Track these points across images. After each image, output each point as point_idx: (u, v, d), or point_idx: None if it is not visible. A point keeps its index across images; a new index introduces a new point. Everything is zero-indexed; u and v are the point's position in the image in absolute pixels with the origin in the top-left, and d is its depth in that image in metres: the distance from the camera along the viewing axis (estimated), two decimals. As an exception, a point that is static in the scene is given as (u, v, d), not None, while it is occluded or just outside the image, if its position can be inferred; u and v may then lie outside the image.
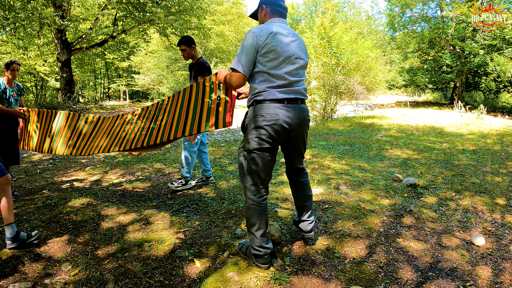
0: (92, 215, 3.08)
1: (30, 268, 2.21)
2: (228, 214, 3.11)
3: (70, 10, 13.03)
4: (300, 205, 2.41)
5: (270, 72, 2.01)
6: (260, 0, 2.22)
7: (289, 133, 2.07)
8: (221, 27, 29.74)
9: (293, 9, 47.82)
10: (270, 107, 2.00)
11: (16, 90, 3.71)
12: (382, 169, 4.65)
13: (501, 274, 2.18)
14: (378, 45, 27.25)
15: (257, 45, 1.98)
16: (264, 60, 1.99)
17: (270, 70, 2.00)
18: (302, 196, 2.39)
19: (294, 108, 2.06)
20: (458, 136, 7.66)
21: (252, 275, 2.09)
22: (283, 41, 2.03)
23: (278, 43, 2.01)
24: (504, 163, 5.02)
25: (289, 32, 2.11)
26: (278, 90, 2.02)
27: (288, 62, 2.04)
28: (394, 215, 3.07)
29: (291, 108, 2.04)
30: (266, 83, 2.02)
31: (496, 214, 3.15)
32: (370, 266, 2.23)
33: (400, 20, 19.98)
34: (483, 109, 12.30)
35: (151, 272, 2.18)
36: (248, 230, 2.17)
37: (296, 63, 2.08)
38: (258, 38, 1.98)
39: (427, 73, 18.29)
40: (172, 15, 14.07)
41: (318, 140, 7.02)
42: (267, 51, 1.98)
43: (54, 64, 15.21)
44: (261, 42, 1.98)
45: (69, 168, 4.99)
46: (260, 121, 2.02)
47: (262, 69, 2.01)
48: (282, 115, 2.00)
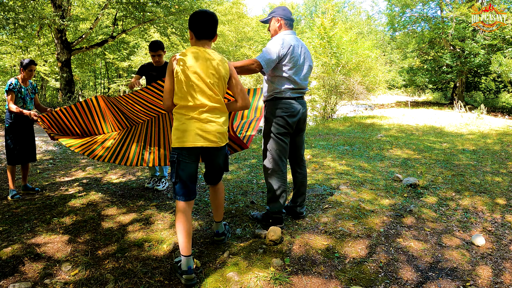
0: (92, 215, 3.08)
1: (30, 268, 2.21)
2: (228, 214, 3.10)
3: (70, 10, 13.04)
4: (298, 191, 2.91)
5: (289, 77, 2.60)
6: (276, 12, 2.73)
7: (298, 121, 2.71)
8: (221, 27, 29.73)
9: (293, 9, 47.84)
10: (287, 102, 2.63)
11: (31, 88, 3.73)
12: (382, 169, 4.65)
13: (501, 274, 2.18)
14: (378, 45, 27.24)
15: (280, 54, 2.53)
16: (285, 68, 2.58)
17: (289, 76, 2.60)
18: (301, 184, 2.90)
19: (301, 103, 2.71)
20: (458, 136, 7.66)
21: (252, 275, 2.09)
22: (298, 52, 2.62)
23: (295, 54, 2.59)
24: (504, 163, 5.02)
25: (299, 43, 2.67)
26: (293, 90, 2.64)
27: (301, 69, 2.67)
28: (394, 215, 3.07)
29: (299, 103, 2.69)
30: (285, 85, 2.61)
31: (496, 214, 3.15)
32: (370, 266, 2.23)
33: (400, 20, 19.99)
34: (483, 109, 12.31)
35: (151, 272, 2.18)
36: (271, 197, 2.72)
37: (306, 69, 2.71)
38: (282, 49, 2.53)
39: (427, 73, 18.29)
40: (172, 15, 14.07)
41: (318, 140, 7.02)
42: (287, 61, 2.57)
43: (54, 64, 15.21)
44: (283, 52, 2.54)
45: (69, 168, 4.99)
46: (279, 112, 2.63)
47: (283, 75, 2.59)
48: (294, 108, 2.64)
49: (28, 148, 3.71)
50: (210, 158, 2.23)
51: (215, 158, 2.22)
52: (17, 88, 3.55)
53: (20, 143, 3.63)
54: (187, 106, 2.06)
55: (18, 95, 3.56)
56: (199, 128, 2.05)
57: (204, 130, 2.06)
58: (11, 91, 3.49)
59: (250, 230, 2.74)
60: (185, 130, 2.05)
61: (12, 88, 3.50)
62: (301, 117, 2.71)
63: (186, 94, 2.05)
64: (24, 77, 3.61)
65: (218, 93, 2.11)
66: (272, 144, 2.68)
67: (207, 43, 2.17)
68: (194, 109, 2.06)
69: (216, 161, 2.24)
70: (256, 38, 37.06)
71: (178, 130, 2.07)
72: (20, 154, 3.64)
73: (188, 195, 2.12)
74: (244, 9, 34.87)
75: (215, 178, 2.35)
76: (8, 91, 3.48)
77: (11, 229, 2.79)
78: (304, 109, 2.73)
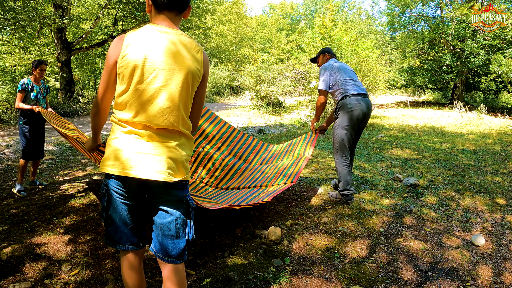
0: (92, 215, 3.08)
1: (30, 268, 2.21)
2: (228, 214, 3.10)
3: (70, 10, 13.03)
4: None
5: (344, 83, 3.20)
6: (322, 50, 3.54)
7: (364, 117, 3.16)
8: (221, 27, 29.73)
9: (292, 9, 47.78)
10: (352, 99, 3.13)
11: (43, 88, 3.89)
12: (383, 169, 4.65)
13: (501, 274, 2.18)
14: (378, 45, 27.24)
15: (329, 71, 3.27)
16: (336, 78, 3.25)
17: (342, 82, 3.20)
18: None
19: (364, 100, 3.13)
20: (458, 136, 7.65)
21: (252, 275, 2.09)
22: (339, 65, 3.30)
23: (339, 66, 3.28)
24: (504, 163, 5.02)
25: (337, 61, 3.40)
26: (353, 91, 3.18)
27: (346, 74, 3.25)
28: (394, 215, 3.06)
29: (362, 101, 3.11)
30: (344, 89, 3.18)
31: (496, 214, 3.15)
32: (370, 266, 2.23)
33: (400, 20, 19.98)
34: (483, 109, 12.29)
35: (151, 272, 2.18)
36: (340, 179, 3.17)
37: (351, 73, 3.28)
38: (328, 68, 3.28)
39: (427, 73, 18.28)
40: (172, 15, 14.08)
41: (319, 140, 7.02)
42: (335, 72, 3.24)
43: (54, 64, 15.21)
44: (330, 69, 3.27)
45: (69, 168, 4.99)
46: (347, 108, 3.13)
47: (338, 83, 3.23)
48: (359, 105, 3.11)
49: (39, 145, 3.92)
50: (153, 203, 1.42)
51: (161, 202, 1.40)
52: (29, 88, 3.72)
53: (33, 141, 3.83)
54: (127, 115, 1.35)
55: (31, 94, 3.74)
56: (137, 148, 1.33)
57: (145, 153, 1.32)
58: (23, 90, 3.68)
59: (250, 230, 2.74)
60: (116, 148, 1.34)
61: (24, 87, 3.68)
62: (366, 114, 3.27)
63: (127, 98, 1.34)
64: (36, 77, 3.80)
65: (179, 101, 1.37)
66: (341, 134, 3.22)
67: (174, 18, 1.39)
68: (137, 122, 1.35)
69: (162, 208, 1.40)
70: (256, 38, 37.06)
71: (110, 147, 1.37)
72: (33, 151, 3.85)
73: (126, 243, 1.45)
74: (244, 9, 34.88)
75: (164, 244, 1.42)
76: (19, 90, 3.66)
77: (11, 229, 2.79)
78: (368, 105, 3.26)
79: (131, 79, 1.31)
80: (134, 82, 1.31)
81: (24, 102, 3.72)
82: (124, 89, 1.33)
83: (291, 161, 3.37)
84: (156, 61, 1.30)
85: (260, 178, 3.38)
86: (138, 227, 1.48)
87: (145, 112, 1.32)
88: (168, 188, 1.38)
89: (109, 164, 1.35)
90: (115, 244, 1.46)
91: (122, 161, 1.33)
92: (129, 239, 1.45)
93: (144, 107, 1.32)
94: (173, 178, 1.34)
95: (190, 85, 1.37)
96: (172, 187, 1.38)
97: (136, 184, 1.39)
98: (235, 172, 3.66)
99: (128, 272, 1.48)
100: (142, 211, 1.48)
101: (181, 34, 1.38)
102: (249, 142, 3.96)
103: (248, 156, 3.86)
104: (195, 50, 1.38)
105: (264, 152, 3.87)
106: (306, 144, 3.45)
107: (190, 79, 1.36)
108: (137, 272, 1.49)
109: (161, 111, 1.33)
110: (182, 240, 1.42)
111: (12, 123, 9.34)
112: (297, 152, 3.46)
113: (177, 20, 1.41)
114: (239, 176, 3.60)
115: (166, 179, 1.32)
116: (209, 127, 3.87)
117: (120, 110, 1.36)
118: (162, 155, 1.33)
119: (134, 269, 1.48)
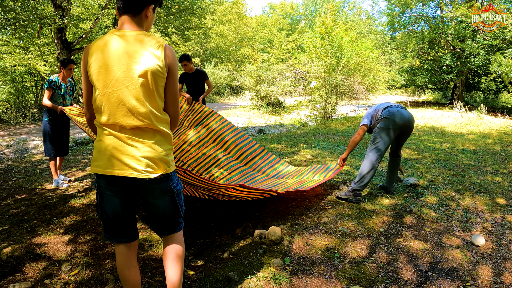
0: (92, 215, 3.08)
1: (30, 268, 2.21)
2: (228, 214, 3.10)
3: (70, 10, 13.03)
4: (391, 175, 3.56)
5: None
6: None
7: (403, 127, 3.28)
8: (221, 27, 29.74)
9: (292, 9, 47.77)
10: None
11: (70, 86, 3.99)
12: (383, 169, 4.65)
13: (502, 274, 2.18)
14: (378, 45, 27.24)
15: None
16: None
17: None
18: (393, 170, 3.54)
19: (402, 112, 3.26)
20: (458, 136, 7.65)
21: (252, 275, 2.09)
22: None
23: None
24: (504, 163, 5.02)
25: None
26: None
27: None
28: (394, 215, 3.06)
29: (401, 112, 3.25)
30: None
31: (496, 214, 3.15)
32: (370, 266, 2.23)
33: (400, 20, 19.98)
34: (483, 109, 12.29)
35: (151, 272, 2.18)
36: (362, 176, 3.23)
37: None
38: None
39: (427, 73, 18.28)
40: (172, 15, 14.07)
41: (319, 140, 7.02)
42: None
43: (55, 64, 15.21)
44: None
45: (69, 168, 4.99)
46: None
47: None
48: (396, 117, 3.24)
49: (64, 142, 4.02)
50: (141, 195, 1.56)
51: (146, 195, 1.53)
52: (57, 85, 3.81)
53: (55, 138, 3.92)
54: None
55: (58, 91, 3.83)
56: (116, 149, 1.44)
57: (124, 153, 1.43)
58: (50, 87, 3.76)
59: (250, 230, 2.74)
60: (99, 150, 1.47)
61: (53, 85, 3.77)
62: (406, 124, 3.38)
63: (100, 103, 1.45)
64: (64, 75, 3.89)
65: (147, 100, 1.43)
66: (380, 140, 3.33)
67: (133, 19, 1.45)
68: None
69: (149, 200, 1.55)
70: (256, 38, 37.05)
71: (95, 149, 1.51)
72: (57, 148, 3.94)
73: (120, 236, 1.56)
74: (244, 9, 34.88)
75: (159, 226, 1.62)
76: (47, 88, 3.74)
77: (11, 229, 2.79)
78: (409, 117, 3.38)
79: (98, 84, 1.43)
80: (100, 87, 1.42)
81: (51, 99, 3.79)
82: (96, 94, 1.45)
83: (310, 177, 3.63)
84: (115, 64, 1.39)
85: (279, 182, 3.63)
86: (130, 220, 1.58)
87: (116, 114, 1.43)
88: (150, 183, 1.50)
89: (95, 165, 1.49)
90: (111, 238, 1.58)
91: (104, 162, 1.45)
92: (122, 231, 1.56)
93: (113, 109, 1.42)
94: (152, 175, 1.46)
95: (151, 82, 1.42)
96: (154, 181, 1.50)
97: (120, 181, 1.49)
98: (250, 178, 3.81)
99: (122, 264, 1.59)
100: (133, 204, 1.59)
101: (140, 33, 1.44)
102: (267, 157, 4.10)
103: (267, 170, 3.98)
104: (154, 47, 1.43)
105: (284, 169, 3.99)
106: (328, 172, 3.61)
107: (150, 76, 1.41)
108: (131, 264, 1.60)
109: (129, 111, 1.42)
110: (174, 220, 1.61)
111: (12, 123, 9.34)
112: (318, 176, 3.62)
113: (136, 21, 1.47)
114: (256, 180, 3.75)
115: (145, 176, 1.45)
116: (229, 140, 4.08)
117: (98, 114, 1.48)
118: (140, 154, 1.44)
119: (128, 261, 1.59)
